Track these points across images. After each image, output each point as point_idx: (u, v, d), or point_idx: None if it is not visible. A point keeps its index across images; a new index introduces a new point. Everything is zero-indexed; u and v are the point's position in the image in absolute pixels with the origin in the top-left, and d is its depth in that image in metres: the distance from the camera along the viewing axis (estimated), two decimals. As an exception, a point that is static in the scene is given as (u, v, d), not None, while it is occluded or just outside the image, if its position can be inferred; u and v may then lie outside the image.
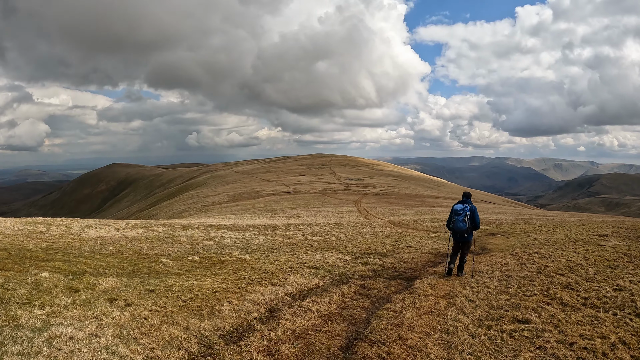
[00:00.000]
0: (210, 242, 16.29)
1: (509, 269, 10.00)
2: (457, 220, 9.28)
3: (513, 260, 11.12)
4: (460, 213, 9.28)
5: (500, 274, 9.53)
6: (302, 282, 8.97)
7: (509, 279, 8.98)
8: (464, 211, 9.27)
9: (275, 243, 16.75)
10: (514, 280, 8.76)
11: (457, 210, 9.33)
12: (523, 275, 9.20)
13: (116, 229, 18.87)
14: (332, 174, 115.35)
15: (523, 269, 9.84)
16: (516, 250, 12.61)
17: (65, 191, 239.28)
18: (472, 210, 9.27)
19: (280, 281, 8.98)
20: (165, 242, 15.96)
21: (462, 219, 9.23)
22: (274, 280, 9.01)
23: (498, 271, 9.79)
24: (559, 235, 15.93)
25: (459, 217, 9.28)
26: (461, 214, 9.27)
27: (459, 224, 9.26)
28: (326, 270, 10.38)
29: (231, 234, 19.83)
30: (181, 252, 13.52)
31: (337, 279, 9.42)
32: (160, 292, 7.58)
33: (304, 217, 37.63)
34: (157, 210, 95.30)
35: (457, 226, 9.28)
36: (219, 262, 11.51)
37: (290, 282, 8.92)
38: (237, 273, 9.84)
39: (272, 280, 9.06)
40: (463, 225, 9.22)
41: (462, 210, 9.30)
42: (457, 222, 9.27)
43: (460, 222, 9.24)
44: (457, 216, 9.31)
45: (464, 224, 9.21)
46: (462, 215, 9.25)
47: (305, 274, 9.82)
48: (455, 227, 9.33)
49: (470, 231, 9.38)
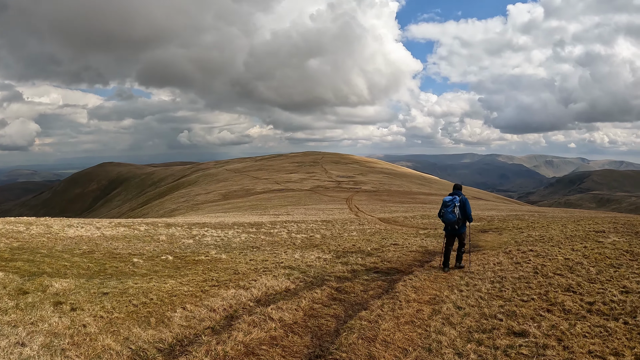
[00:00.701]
0: (190, 241, 15.51)
1: (503, 269, 9.14)
2: (447, 212, 9.22)
3: (507, 259, 10.25)
4: (449, 204, 9.23)
5: (492, 274, 8.67)
6: (272, 284, 8.07)
7: (502, 280, 8.08)
8: (452, 202, 9.22)
9: (256, 241, 15.93)
10: (509, 282, 7.85)
11: (446, 201, 9.28)
12: (518, 276, 8.33)
13: (97, 228, 18.24)
14: (324, 171, 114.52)
15: (518, 269, 8.96)
16: (510, 248, 11.77)
17: (56, 191, 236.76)
18: (462, 202, 9.22)
19: (249, 283, 8.16)
20: (144, 241, 15.29)
21: (451, 210, 9.18)
22: (242, 283, 8.21)
23: (490, 272, 8.92)
24: (554, 232, 15.18)
25: (447, 209, 9.23)
26: (450, 205, 9.22)
27: (448, 215, 9.20)
28: (301, 271, 9.47)
29: (214, 232, 19.07)
30: (157, 251, 12.86)
31: (311, 281, 8.51)
32: (115, 295, 7.07)
33: (294, 214, 36.86)
34: (149, 209, 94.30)
35: (447, 217, 9.22)
36: (192, 262, 10.86)
37: (259, 284, 8.04)
38: (206, 274, 9.18)
39: (240, 282, 8.28)
40: (452, 217, 9.16)
41: (450, 201, 9.25)
42: (447, 213, 9.21)
43: (449, 213, 9.18)
44: (446, 208, 9.26)
45: (453, 215, 9.15)
46: (451, 207, 9.20)
47: (278, 275, 8.95)
48: (445, 219, 9.26)
49: (462, 223, 9.32)
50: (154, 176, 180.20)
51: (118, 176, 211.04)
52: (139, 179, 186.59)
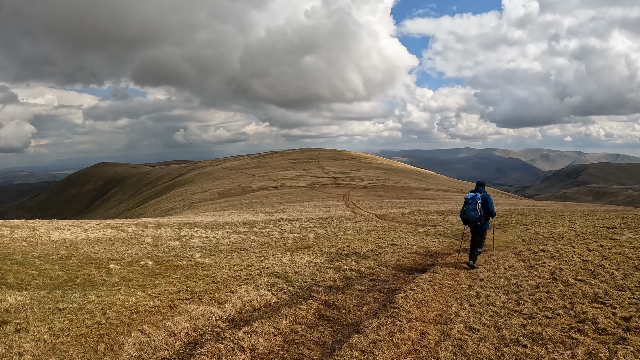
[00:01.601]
0: (176, 243, 14.59)
1: (516, 274, 8.16)
2: (469, 210, 9.03)
3: (518, 261, 9.26)
4: (471, 202, 9.04)
5: (506, 282, 7.65)
6: (251, 297, 7.04)
7: (518, 289, 7.02)
8: (474, 199, 9.02)
9: (246, 242, 14.97)
10: (526, 292, 6.85)
11: (468, 199, 9.11)
12: (535, 283, 7.33)
13: (84, 230, 17.45)
14: (320, 168, 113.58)
15: (533, 274, 7.95)
16: (519, 248, 10.78)
17: (52, 192, 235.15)
18: (483, 198, 9.02)
19: (225, 296, 7.19)
20: (128, 243, 14.43)
21: (473, 208, 8.99)
22: (218, 295, 7.23)
23: (503, 278, 7.91)
24: (563, 228, 14.24)
25: (469, 206, 9.04)
26: (472, 203, 9.03)
27: (470, 213, 9.01)
28: (288, 279, 8.47)
29: (203, 232, 18.15)
30: (138, 255, 12.01)
31: (296, 293, 7.53)
32: (70, 313, 6.24)
33: (290, 212, 36.05)
34: (145, 208, 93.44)
35: (469, 215, 9.02)
36: (172, 268, 10.01)
37: (236, 298, 7.05)
38: (182, 283, 8.28)
39: (216, 294, 7.32)
40: (475, 214, 8.97)
41: (472, 198, 9.05)
42: (469, 211, 9.02)
43: (471, 210, 9.00)
44: (468, 205, 9.07)
45: (475, 212, 8.97)
46: (473, 204, 9.00)
47: (260, 284, 7.96)
48: (467, 217, 9.07)
49: (485, 220, 9.12)
50: (150, 175, 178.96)
51: (114, 176, 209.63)
52: (135, 179, 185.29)
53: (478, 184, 9.54)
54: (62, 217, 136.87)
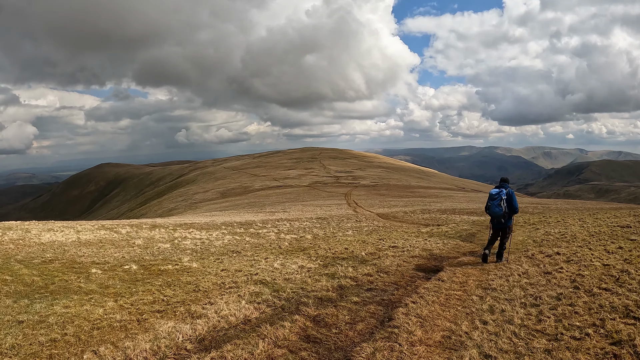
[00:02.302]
0: (167, 245, 13.85)
1: (532, 282, 7.28)
2: (493, 205, 9.12)
3: (532, 266, 8.43)
4: (496, 197, 9.10)
5: (522, 292, 6.73)
6: (229, 311, 6.23)
7: (537, 301, 6.19)
8: (499, 195, 9.07)
9: (239, 244, 14.21)
10: (546, 306, 5.98)
11: (493, 194, 9.18)
12: (556, 294, 6.47)
13: (77, 232, 16.89)
14: (322, 167, 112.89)
15: (551, 282, 7.09)
16: (531, 251, 9.98)
17: (54, 193, 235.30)
18: (508, 195, 9.05)
19: (202, 308, 6.46)
20: (118, 246, 13.77)
21: (498, 204, 9.05)
22: (194, 307, 6.50)
23: (518, 288, 6.99)
24: (575, 228, 13.42)
25: (494, 202, 9.11)
26: (497, 198, 9.08)
27: (494, 209, 9.09)
28: (275, 288, 7.68)
29: (198, 233, 17.40)
30: (125, 258, 11.39)
31: (282, 306, 6.69)
32: (28, 326, 5.78)
33: (290, 211, 35.44)
34: (147, 209, 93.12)
35: (494, 211, 9.11)
36: (156, 273, 9.38)
37: (214, 311, 6.29)
38: (160, 291, 7.60)
39: (192, 306, 6.59)
40: (499, 210, 9.03)
41: (497, 194, 9.10)
42: (493, 206, 9.11)
43: (496, 206, 9.07)
44: (492, 201, 9.15)
45: (499, 208, 9.02)
46: (498, 200, 9.06)
47: (243, 294, 7.18)
48: (492, 212, 9.16)
49: (508, 216, 9.15)
50: (152, 176, 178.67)
51: (116, 177, 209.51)
52: (137, 179, 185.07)
53: (502, 180, 9.44)
54: (64, 218, 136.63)
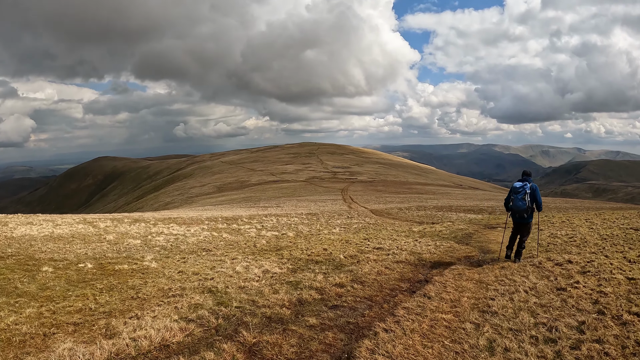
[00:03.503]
0: (137, 242, 13.14)
1: (543, 304, 5.98)
2: (516, 199, 8.75)
3: (541, 278, 7.33)
4: (520, 191, 8.74)
5: (531, 319, 5.40)
6: (147, 332, 5.16)
7: (552, 334, 4.95)
8: (523, 189, 8.72)
9: (213, 242, 13.52)
10: (566, 343, 4.74)
11: (517, 187, 8.81)
12: (576, 323, 5.23)
13: (56, 225, 16.33)
14: (320, 162, 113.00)
15: (568, 304, 5.91)
16: (538, 258, 8.96)
17: (52, 187, 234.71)
18: (532, 189, 8.69)
19: (124, 324, 5.61)
20: (87, 241, 13.09)
21: (522, 197, 8.70)
22: (116, 322, 5.68)
23: (526, 312, 5.66)
24: (583, 230, 12.39)
25: (518, 196, 8.75)
26: (520, 192, 8.73)
27: (518, 203, 8.73)
28: (220, 300, 6.62)
29: (177, 229, 16.77)
30: (87, 255, 10.75)
31: (217, 326, 5.51)
32: None
33: (284, 206, 35.50)
34: (143, 203, 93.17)
35: (517, 205, 8.74)
36: (108, 273, 8.74)
37: (132, 328, 5.38)
38: (95, 297, 6.88)
39: (114, 320, 5.78)
40: (522, 204, 8.67)
41: (521, 187, 8.75)
42: (516, 200, 8.74)
43: (519, 200, 8.72)
44: (516, 194, 8.77)
45: (523, 202, 8.68)
46: (522, 193, 8.71)
47: (182, 306, 6.28)
48: (514, 206, 8.78)
49: (531, 212, 8.83)
50: (149, 170, 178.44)
51: (113, 170, 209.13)
52: (134, 173, 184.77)
53: (525, 173, 9.11)
54: (61, 211, 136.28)
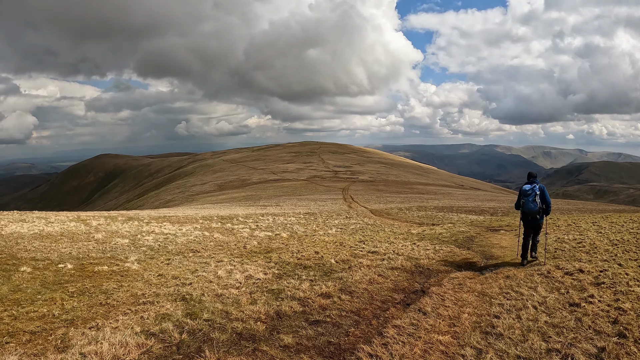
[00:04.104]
0: (125, 241, 12.53)
1: (555, 323, 5.34)
2: (527, 202, 8.75)
3: (551, 291, 6.65)
4: (530, 193, 8.74)
5: (542, 343, 4.78)
6: (98, 348, 4.67)
7: None
8: (533, 191, 8.72)
9: (203, 242, 12.93)
10: None
11: (526, 190, 8.80)
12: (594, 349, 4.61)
13: (48, 223, 15.93)
14: (321, 161, 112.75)
15: (584, 324, 5.26)
16: (546, 266, 8.30)
17: (53, 184, 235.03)
18: (541, 190, 8.74)
19: (81, 334, 5.12)
20: (75, 239, 12.56)
21: (533, 199, 8.69)
22: (73, 333, 5.15)
23: (536, 334, 5.01)
24: (591, 234, 11.67)
25: (528, 198, 8.74)
26: (531, 194, 8.73)
27: (529, 205, 8.72)
28: (192, 310, 5.99)
29: (169, 228, 16.18)
30: (71, 254, 10.19)
31: (179, 343, 4.93)
32: None
33: (283, 206, 35.29)
34: (144, 200, 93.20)
35: (528, 207, 8.73)
36: (88, 274, 8.25)
37: (86, 341, 4.88)
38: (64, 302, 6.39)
39: (71, 331, 5.25)
40: (534, 206, 8.67)
41: (531, 190, 8.75)
42: (527, 203, 8.74)
43: (530, 202, 8.70)
44: (526, 197, 8.78)
45: (534, 204, 8.68)
46: (532, 195, 8.71)
47: (148, 316, 5.73)
48: (526, 209, 8.77)
49: (542, 212, 8.81)
50: (150, 167, 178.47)
51: (115, 168, 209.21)
52: (135, 171, 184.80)
53: (531, 175, 9.05)
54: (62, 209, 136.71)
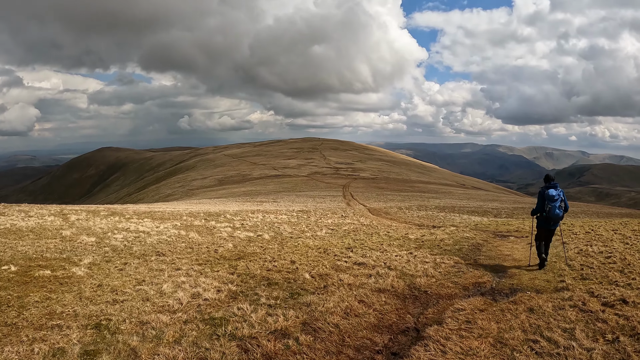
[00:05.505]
0: (91, 239, 11.37)
1: None
2: (554, 207, 8.38)
3: (592, 334, 5.12)
4: (557, 199, 8.38)
5: None
6: None
7: None
8: (559, 196, 8.39)
9: (173, 243, 11.71)
10: None
11: (553, 196, 8.38)
12: None
13: (25, 217, 14.96)
14: (322, 157, 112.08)
15: None
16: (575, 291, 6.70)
17: (54, 176, 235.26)
18: (564, 195, 8.52)
19: None
20: (40, 236, 11.58)
21: (559, 205, 8.39)
22: None
23: None
24: (617, 245, 10.46)
25: (555, 204, 8.37)
26: (557, 200, 8.38)
27: (556, 211, 8.37)
28: (89, 349, 4.65)
29: (146, 225, 15.11)
30: (28, 254, 9.22)
31: None
32: None
33: (280, 202, 34.68)
34: (145, 194, 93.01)
35: (555, 213, 8.38)
36: (25, 280, 7.18)
37: None
38: None
39: None
40: (560, 212, 8.41)
41: (557, 195, 8.39)
42: (554, 209, 8.37)
43: (557, 208, 8.38)
44: (553, 202, 8.38)
45: (560, 210, 8.41)
46: (559, 201, 8.38)
47: (39, 350, 4.63)
48: (552, 215, 8.40)
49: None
50: (152, 161, 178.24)
51: (116, 161, 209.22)
52: (137, 164, 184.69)
53: (550, 178, 8.66)
54: (63, 201, 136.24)
